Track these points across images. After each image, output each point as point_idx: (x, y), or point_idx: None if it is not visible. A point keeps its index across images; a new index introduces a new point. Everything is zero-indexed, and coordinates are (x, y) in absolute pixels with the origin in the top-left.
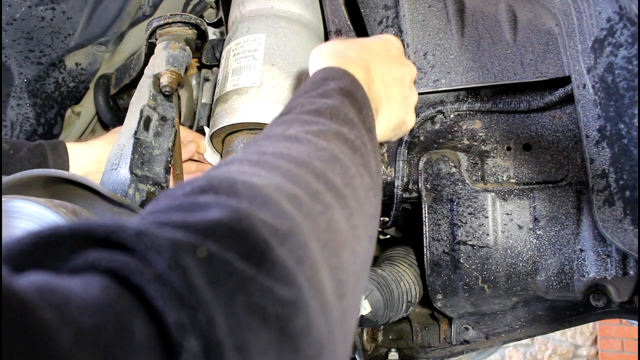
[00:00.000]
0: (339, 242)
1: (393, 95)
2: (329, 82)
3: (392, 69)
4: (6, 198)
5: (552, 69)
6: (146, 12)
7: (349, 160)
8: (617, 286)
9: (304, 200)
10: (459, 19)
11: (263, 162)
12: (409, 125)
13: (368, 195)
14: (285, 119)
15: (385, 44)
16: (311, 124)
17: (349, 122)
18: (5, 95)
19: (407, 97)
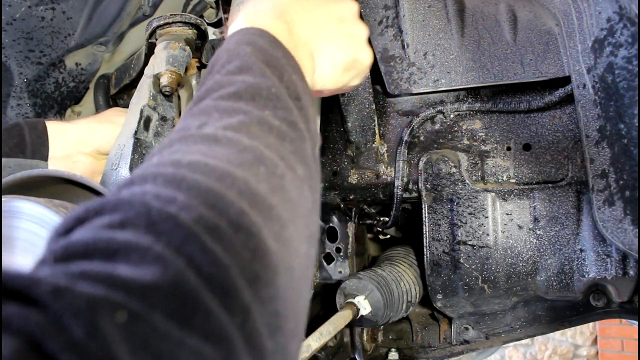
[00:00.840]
0: (270, 269)
1: (330, 34)
2: (242, 48)
3: (324, 8)
4: (6, 198)
5: (552, 69)
6: (146, 12)
7: (276, 153)
8: (617, 286)
9: (225, 231)
10: (459, 19)
11: (179, 179)
12: (363, 61)
13: (302, 191)
14: (203, 107)
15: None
16: (231, 114)
17: (272, 99)
18: (5, 95)
19: (352, 33)
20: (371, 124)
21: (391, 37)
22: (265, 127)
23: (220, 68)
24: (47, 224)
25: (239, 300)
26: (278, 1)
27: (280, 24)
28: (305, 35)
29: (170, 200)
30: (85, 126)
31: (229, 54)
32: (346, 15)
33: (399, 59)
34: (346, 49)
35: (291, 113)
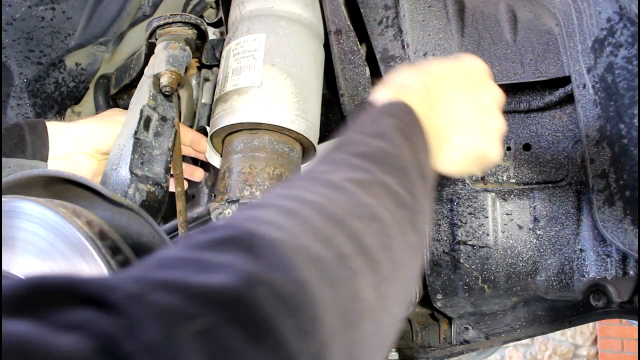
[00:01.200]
0: (361, 313)
1: (466, 126)
2: (385, 118)
3: (467, 94)
4: (6, 198)
5: (552, 69)
6: (146, 12)
7: (392, 217)
8: (617, 286)
9: (328, 265)
10: (459, 19)
11: (295, 212)
12: (491, 158)
13: (408, 255)
14: (334, 158)
15: (462, 67)
16: (358, 171)
17: (400, 170)
18: (5, 95)
19: (488, 125)
20: None
21: (391, 37)
22: (386, 191)
23: (359, 128)
24: (47, 224)
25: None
26: (430, 84)
27: (424, 107)
28: (441, 125)
29: (279, 227)
30: (84, 126)
31: (372, 119)
32: (488, 105)
33: (399, 59)
34: (478, 144)
35: (414, 186)
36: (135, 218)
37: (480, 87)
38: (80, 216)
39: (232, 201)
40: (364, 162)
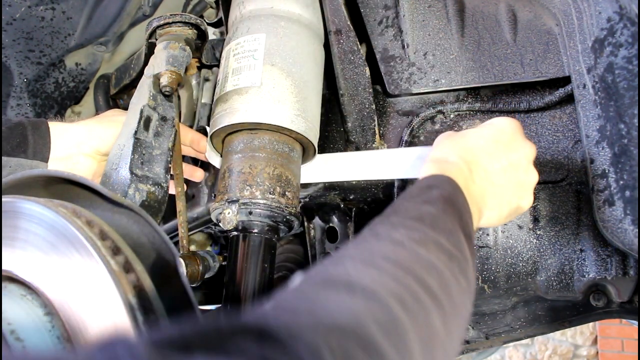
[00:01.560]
0: (434, 341)
1: (502, 187)
2: (432, 190)
3: (502, 158)
4: (6, 198)
5: (552, 69)
6: (146, 12)
7: (445, 267)
8: (617, 286)
9: (407, 301)
10: (459, 19)
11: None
12: (524, 207)
13: (463, 298)
14: (393, 221)
15: (495, 133)
16: (414, 231)
17: (447, 230)
18: (5, 95)
19: (521, 181)
20: (371, 124)
21: (391, 37)
22: (438, 247)
23: (410, 198)
24: (47, 224)
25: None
26: (468, 157)
27: (462, 180)
28: (479, 193)
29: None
30: (85, 127)
31: (419, 191)
32: (522, 163)
33: (399, 59)
34: (513, 200)
35: (461, 243)
36: (135, 218)
37: (512, 148)
38: (80, 216)
39: (232, 201)
40: (418, 224)
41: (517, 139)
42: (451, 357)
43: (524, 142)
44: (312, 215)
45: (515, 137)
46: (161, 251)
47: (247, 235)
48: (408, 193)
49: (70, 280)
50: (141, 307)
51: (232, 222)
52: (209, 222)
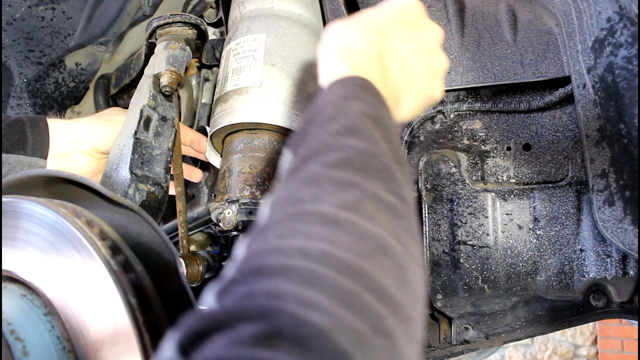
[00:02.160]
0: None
1: (416, 74)
2: (349, 105)
3: (413, 41)
4: (6, 198)
5: (552, 69)
6: (146, 12)
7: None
8: (617, 286)
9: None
10: (459, 19)
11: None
12: (436, 97)
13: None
14: (312, 174)
15: (400, 12)
16: (345, 189)
17: (382, 169)
18: (5, 95)
19: (433, 66)
20: None
21: None
22: (379, 205)
23: (325, 124)
24: (47, 224)
25: None
26: (377, 41)
27: (378, 71)
28: (396, 84)
29: (313, 305)
30: (84, 124)
31: (335, 110)
32: (431, 46)
33: None
34: (425, 89)
35: (400, 185)
36: (135, 218)
37: (421, 28)
38: (80, 216)
39: (232, 201)
40: (346, 174)
41: (424, 18)
42: None
43: (430, 22)
44: None
45: (422, 17)
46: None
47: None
48: (322, 111)
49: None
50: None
51: (232, 222)
52: (209, 222)
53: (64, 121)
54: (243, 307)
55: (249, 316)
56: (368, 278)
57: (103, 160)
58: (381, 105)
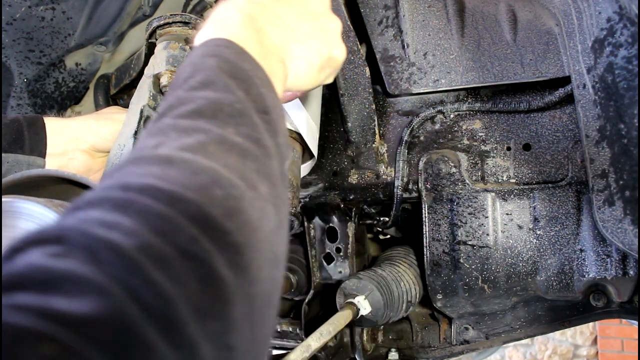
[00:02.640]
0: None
1: (303, 35)
2: (206, 61)
3: (295, 6)
4: (6, 198)
5: (552, 69)
6: (146, 12)
7: (236, 173)
8: (617, 286)
9: (172, 260)
10: (459, 19)
11: (126, 203)
12: (338, 58)
13: (264, 212)
14: (161, 126)
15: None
16: (189, 134)
17: (235, 115)
18: (5, 95)
19: (325, 28)
20: (371, 124)
21: (391, 37)
22: (225, 146)
23: (183, 83)
24: (47, 224)
25: (184, 335)
26: (247, 7)
27: (250, 32)
28: (276, 42)
29: (114, 225)
30: (82, 123)
31: (193, 68)
32: (319, 9)
33: (399, 59)
34: (320, 48)
35: (256, 129)
36: None
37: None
38: None
39: None
40: (195, 122)
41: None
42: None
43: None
44: (312, 215)
45: None
46: None
47: None
48: (179, 73)
49: None
50: None
51: None
52: None
53: (61, 120)
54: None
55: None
56: (189, 205)
57: (102, 158)
58: (244, 60)
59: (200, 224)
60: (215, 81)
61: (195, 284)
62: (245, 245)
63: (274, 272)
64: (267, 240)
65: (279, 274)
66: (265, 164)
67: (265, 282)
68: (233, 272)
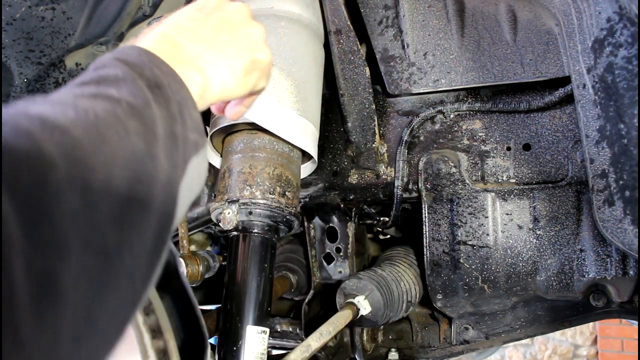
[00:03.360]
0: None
1: (221, 43)
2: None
3: (209, 18)
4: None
5: (552, 69)
6: (146, 12)
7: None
8: (617, 286)
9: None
10: (459, 19)
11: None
12: (263, 60)
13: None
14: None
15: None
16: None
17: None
18: (5, 95)
19: (244, 34)
20: (371, 124)
21: (391, 37)
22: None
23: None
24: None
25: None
26: (163, 28)
27: (162, 45)
28: (191, 54)
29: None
30: None
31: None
32: (236, 19)
33: (399, 59)
34: (241, 53)
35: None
36: None
37: (220, 8)
38: None
39: (232, 201)
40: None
41: (224, 2)
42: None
43: (234, 4)
44: (312, 215)
45: (222, 2)
46: None
47: (247, 235)
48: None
49: None
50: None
51: (232, 222)
52: (209, 222)
53: None
54: None
55: None
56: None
57: None
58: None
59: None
60: (106, 64)
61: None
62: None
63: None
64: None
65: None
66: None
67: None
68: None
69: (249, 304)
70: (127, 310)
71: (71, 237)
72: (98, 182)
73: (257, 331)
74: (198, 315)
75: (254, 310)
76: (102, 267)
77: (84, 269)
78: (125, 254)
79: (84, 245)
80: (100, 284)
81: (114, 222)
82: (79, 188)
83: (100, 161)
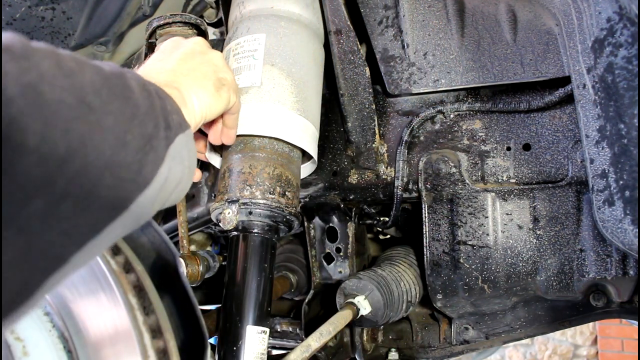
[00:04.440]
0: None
1: (188, 69)
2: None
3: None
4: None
5: (552, 69)
6: (146, 12)
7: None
8: (617, 286)
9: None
10: (459, 19)
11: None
12: (227, 78)
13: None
14: None
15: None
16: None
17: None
18: None
19: (204, 61)
20: (371, 124)
21: (391, 37)
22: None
23: None
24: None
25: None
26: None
27: (141, 77)
28: (168, 80)
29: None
30: None
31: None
32: (196, 49)
33: (399, 59)
34: (207, 74)
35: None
36: None
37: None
38: None
39: (232, 201)
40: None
41: (183, 41)
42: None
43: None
44: (312, 215)
45: (180, 40)
46: (161, 251)
47: (247, 235)
48: None
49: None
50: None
51: (232, 222)
52: (209, 222)
53: None
54: None
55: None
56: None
57: None
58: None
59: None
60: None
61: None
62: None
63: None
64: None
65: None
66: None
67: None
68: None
69: (249, 304)
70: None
71: None
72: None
73: (257, 331)
74: (198, 315)
75: (254, 310)
76: None
77: None
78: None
79: None
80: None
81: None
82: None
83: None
